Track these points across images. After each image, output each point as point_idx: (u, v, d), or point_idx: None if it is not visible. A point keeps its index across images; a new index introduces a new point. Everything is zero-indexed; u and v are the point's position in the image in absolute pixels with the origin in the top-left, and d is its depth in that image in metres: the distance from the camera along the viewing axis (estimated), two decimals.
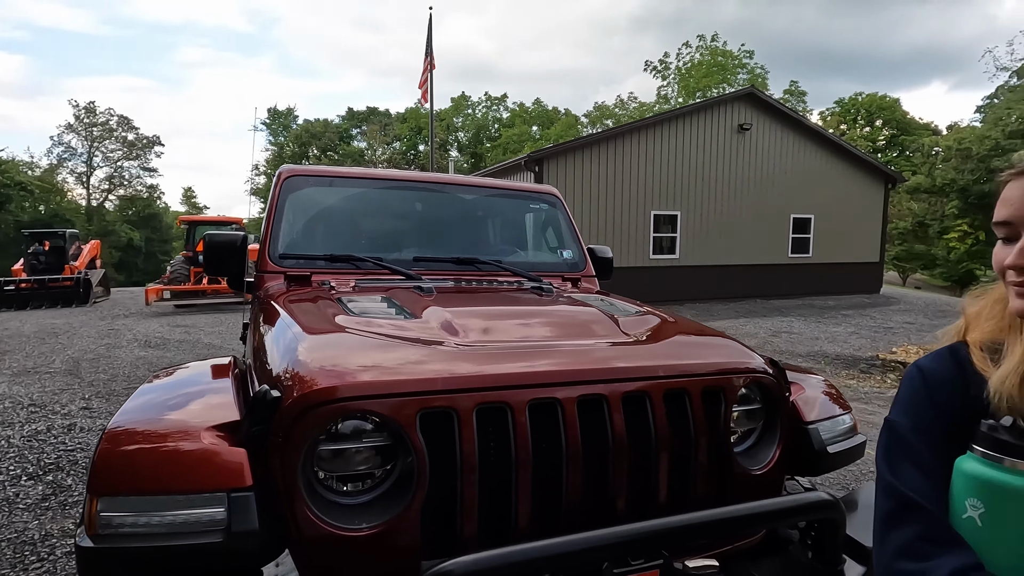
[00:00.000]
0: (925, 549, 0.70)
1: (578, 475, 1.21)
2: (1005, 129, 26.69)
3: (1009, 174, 0.73)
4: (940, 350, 0.82)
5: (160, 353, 8.03)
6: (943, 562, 0.68)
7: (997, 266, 0.73)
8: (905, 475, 0.76)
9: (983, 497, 0.69)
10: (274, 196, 2.47)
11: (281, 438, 1.06)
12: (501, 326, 1.51)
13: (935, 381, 0.79)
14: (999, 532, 0.68)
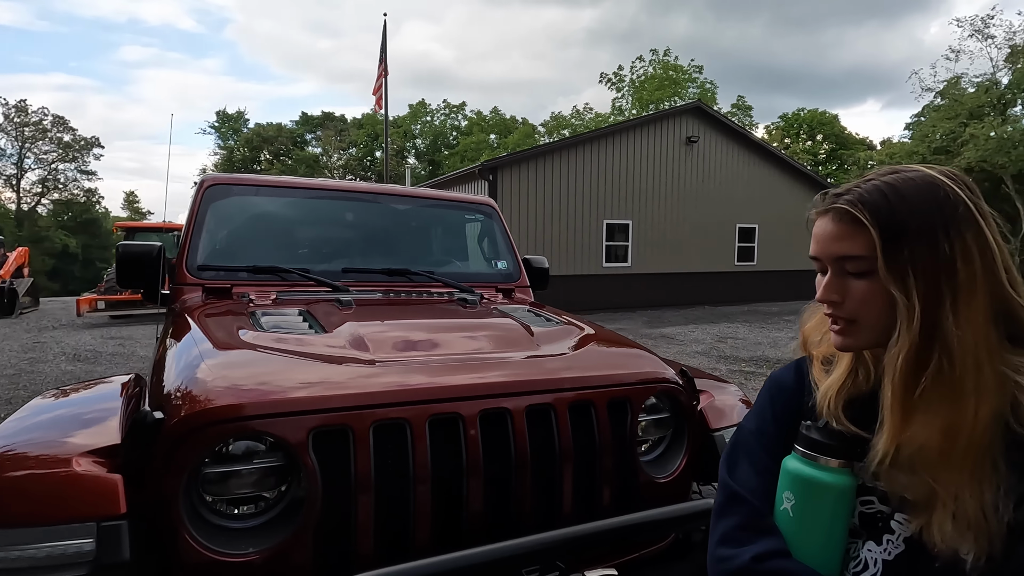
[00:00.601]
0: (741, 536, 0.76)
1: (480, 490, 1.21)
2: (931, 145, 28.57)
3: (815, 212, 0.76)
4: (790, 363, 0.87)
5: (90, 367, 7.60)
6: (751, 548, 0.73)
7: (818, 298, 0.76)
8: (738, 472, 0.81)
9: (795, 491, 0.74)
10: (195, 205, 2.39)
11: (162, 461, 1.02)
12: (413, 340, 1.50)
13: (777, 389, 0.86)
14: (808, 523, 0.74)
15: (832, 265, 0.72)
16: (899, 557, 0.71)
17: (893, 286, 0.67)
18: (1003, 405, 0.65)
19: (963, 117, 26.98)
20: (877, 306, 0.69)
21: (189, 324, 1.62)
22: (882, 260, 0.67)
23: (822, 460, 0.74)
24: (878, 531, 0.74)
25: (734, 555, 0.74)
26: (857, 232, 0.69)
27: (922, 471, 0.66)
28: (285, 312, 1.81)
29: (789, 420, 0.81)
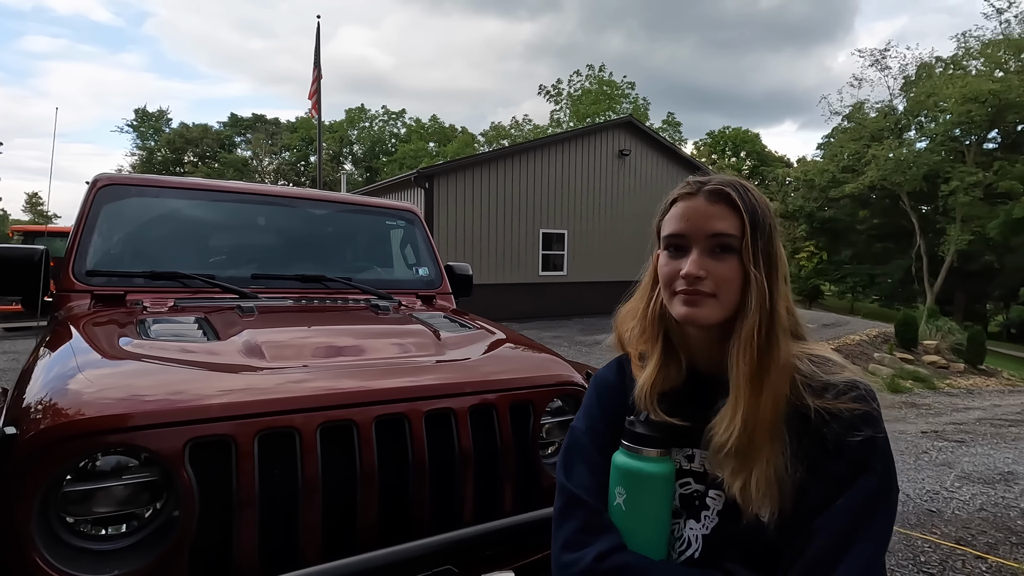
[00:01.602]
0: (581, 539, 0.78)
1: (374, 499, 1.19)
2: (839, 164, 31.02)
3: (681, 193, 0.82)
4: (612, 361, 0.92)
5: None
6: (592, 549, 0.76)
7: (669, 278, 0.80)
8: (575, 473, 0.84)
9: (625, 484, 0.79)
10: (86, 206, 2.22)
11: (13, 480, 0.93)
12: (313, 347, 1.46)
13: (602, 388, 0.90)
14: (639, 513, 0.78)
15: (704, 242, 0.78)
16: (715, 530, 0.78)
17: (752, 264, 0.75)
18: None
19: (866, 139, 29.49)
20: (735, 283, 0.76)
21: (68, 333, 1.50)
22: (748, 240, 0.75)
23: (645, 452, 0.79)
24: (696, 509, 0.80)
25: (577, 559, 0.77)
26: (730, 213, 0.77)
27: (746, 443, 0.72)
28: (179, 320, 1.71)
29: (616, 416, 0.86)
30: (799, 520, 0.70)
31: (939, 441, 6.64)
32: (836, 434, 0.71)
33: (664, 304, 0.83)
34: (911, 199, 28.96)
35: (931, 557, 3.42)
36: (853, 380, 0.74)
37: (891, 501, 0.71)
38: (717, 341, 0.80)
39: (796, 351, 0.76)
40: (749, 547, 0.74)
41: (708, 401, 0.80)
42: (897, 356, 12.73)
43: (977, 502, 4.47)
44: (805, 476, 0.71)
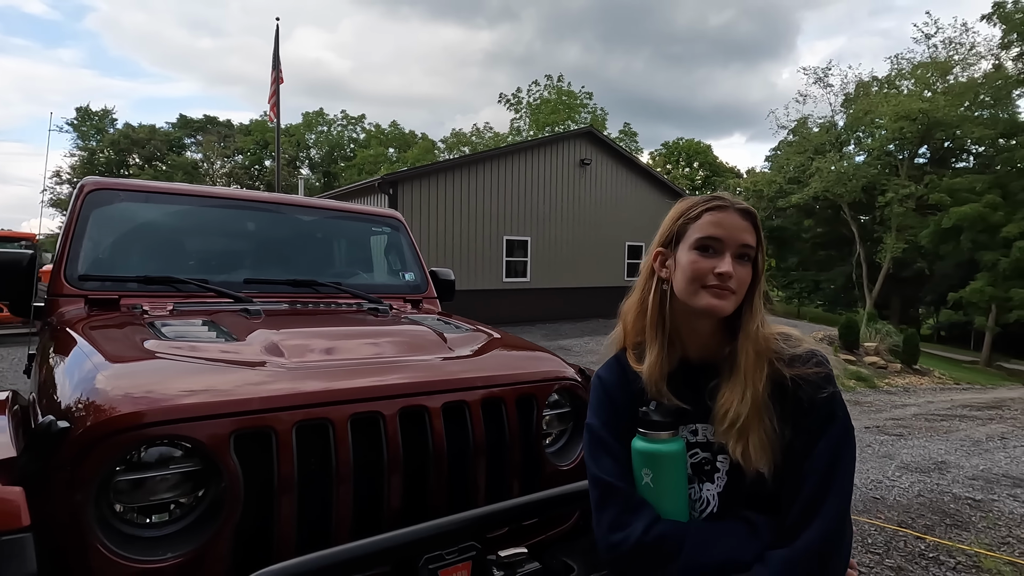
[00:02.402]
0: (624, 520, 0.93)
1: (400, 483, 1.28)
2: (786, 176, 32.59)
3: (713, 205, 0.97)
4: (610, 360, 1.07)
5: None
6: (636, 526, 0.91)
7: (700, 273, 0.94)
8: (603, 464, 0.98)
9: (649, 465, 0.93)
10: (75, 210, 2.21)
11: (68, 472, 0.99)
12: (328, 346, 1.54)
13: (609, 385, 1.04)
14: (664, 487, 0.93)
15: (736, 249, 0.94)
16: (727, 487, 0.94)
17: (758, 268, 0.96)
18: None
19: (810, 152, 31.08)
20: (747, 283, 0.95)
21: (79, 335, 1.53)
22: (760, 251, 0.96)
23: (662, 435, 0.94)
24: (707, 473, 0.96)
25: (626, 536, 0.91)
26: (752, 231, 0.96)
27: (744, 412, 0.88)
28: (187, 322, 1.75)
29: (624, 407, 1.00)
30: (790, 467, 0.88)
31: (880, 435, 7.13)
32: (808, 394, 0.90)
33: (669, 299, 0.98)
34: (851, 209, 30.71)
35: (877, 539, 3.72)
36: (812, 349, 0.95)
37: (853, 438, 0.92)
38: (712, 332, 0.97)
39: (768, 333, 0.94)
40: (755, 497, 0.91)
41: (700, 383, 0.96)
42: (841, 357, 13.48)
43: (915, 489, 4.86)
44: (790, 432, 0.89)
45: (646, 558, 0.90)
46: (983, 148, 28.01)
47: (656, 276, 1.01)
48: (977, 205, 23.34)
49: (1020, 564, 3.43)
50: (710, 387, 0.96)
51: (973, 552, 3.56)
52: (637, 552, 0.90)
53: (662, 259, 1.01)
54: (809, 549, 0.85)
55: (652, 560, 0.89)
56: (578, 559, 1.42)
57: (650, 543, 0.89)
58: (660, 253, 1.01)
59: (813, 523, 0.85)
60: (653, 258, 1.02)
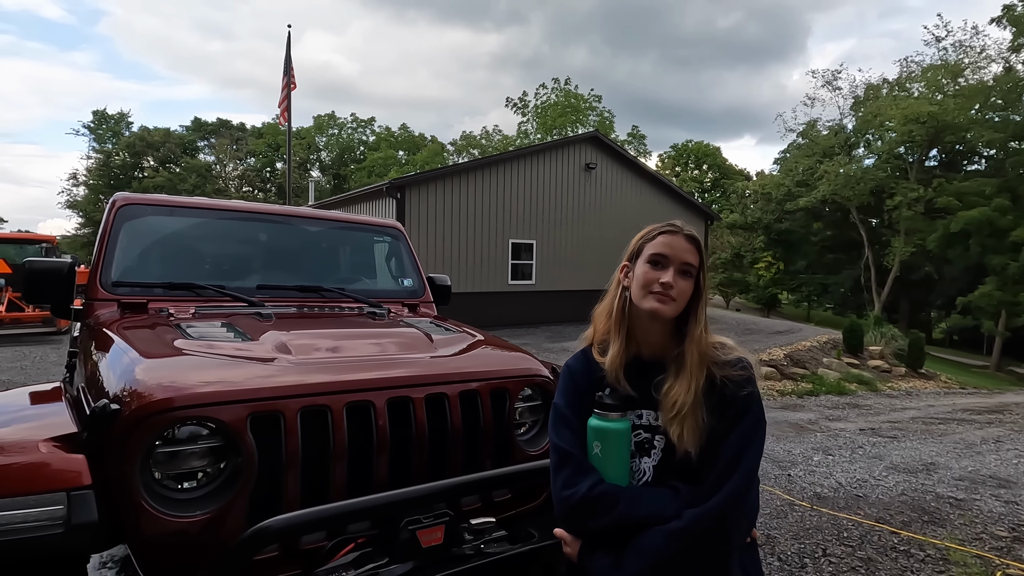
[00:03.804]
0: (575, 480, 1.16)
1: (387, 461, 1.52)
2: (794, 179, 32.58)
3: (665, 230, 1.23)
4: (578, 352, 1.32)
5: None
6: (584, 484, 1.15)
7: (648, 281, 1.18)
8: (563, 436, 1.22)
9: (600, 439, 1.16)
10: (107, 223, 2.48)
11: (119, 445, 1.24)
12: (330, 345, 1.79)
13: (575, 373, 1.28)
14: (609, 458, 1.17)
15: (678, 265, 1.18)
16: (660, 462, 1.19)
17: (700, 284, 1.20)
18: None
19: (819, 155, 31.06)
20: (687, 294, 1.19)
21: (117, 334, 1.79)
22: (702, 271, 1.21)
23: (612, 416, 1.17)
24: (646, 450, 1.19)
25: (574, 492, 1.15)
26: (695, 251, 1.21)
27: (688, 402, 1.11)
28: (208, 324, 2.01)
29: (586, 391, 1.24)
30: (710, 447, 1.12)
31: (874, 437, 7.27)
32: (731, 392, 1.14)
33: (628, 304, 1.21)
34: (859, 212, 30.64)
35: (853, 533, 3.90)
36: (740, 357, 1.19)
37: (763, 430, 1.15)
38: (662, 334, 1.20)
39: (709, 340, 1.19)
40: (682, 470, 1.15)
41: (648, 377, 1.20)
42: (844, 361, 13.57)
43: (899, 488, 5.03)
44: (715, 421, 1.12)
45: (589, 510, 1.13)
46: (993, 151, 27.83)
47: (621, 285, 1.26)
48: (986, 209, 23.24)
49: (987, 557, 3.60)
50: (656, 381, 1.19)
51: (944, 546, 3.74)
52: (582, 505, 1.13)
53: (626, 271, 1.26)
54: (714, 510, 1.07)
55: (593, 511, 1.13)
56: (540, 530, 1.65)
57: (593, 498, 1.12)
58: (625, 266, 1.27)
59: (721, 491, 1.08)
60: (620, 270, 1.28)
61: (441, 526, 1.43)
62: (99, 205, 44.05)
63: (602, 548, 1.12)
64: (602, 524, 1.13)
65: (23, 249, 13.69)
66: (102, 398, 1.39)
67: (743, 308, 36.86)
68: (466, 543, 1.48)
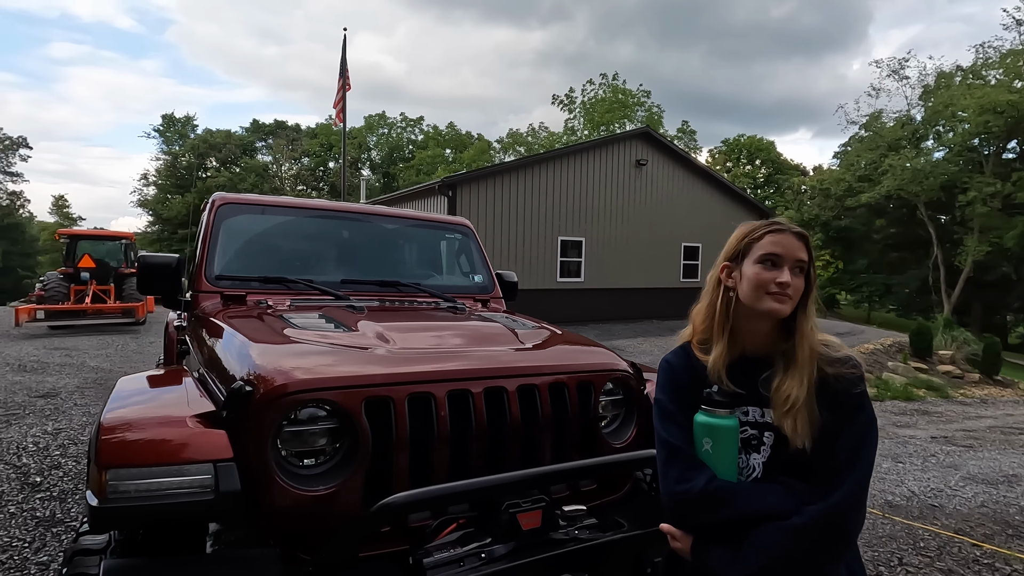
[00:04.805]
0: (688, 475, 1.19)
1: (483, 447, 1.60)
2: (856, 173, 31.09)
3: (772, 228, 1.22)
4: (677, 348, 1.34)
5: (39, 378, 7.41)
6: (699, 480, 1.17)
7: (764, 282, 1.18)
8: (671, 431, 1.24)
9: (710, 435, 1.19)
10: (208, 222, 2.68)
11: (253, 423, 1.36)
12: (424, 336, 1.88)
13: (677, 369, 1.30)
14: (720, 455, 1.18)
15: (792, 263, 1.20)
16: (770, 458, 1.20)
17: (810, 280, 1.21)
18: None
19: (883, 149, 29.51)
20: (800, 291, 1.20)
21: (233, 323, 1.94)
22: (812, 265, 1.22)
23: (721, 412, 1.19)
24: (754, 446, 1.21)
25: (690, 487, 1.17)
26: (805, 247, 1.21)
27: (802, 395, 1.13)
28: (306, 315, 2.14)
29: (688, 387, 1.26)
30: (824, 445, 1.13)
31: (948, 446, 6.91)
32: (844, 389, 1.15)
33: (730, 303, 1.23)
34: (928, 209, 28.95)
35: (930, 544, 3.75)
36: (849, 355, 1.19)
37: (875, 428, 1.16)
38: (768, 331, 1.21)
39: (817, 336, 1.19)
40: (792, 466, 1.16)
41: (753, 374, 1.22)
42: (911, 365, 12.90)
43: (979, 500, 4.77)
44: (827, 417, 1.13)
45: (705, 505, 1.16)
46: None
47: (723, 285, 1.26)
48: None
49: None
50: (763, 377, 1.20)
51: None
52: (699, 500, 1.16)
53: (728, 271, 1.26)
54: (837, 505, 1.08)
55: (710, 507, 1.15)
56: (628, 518, 1.69)
57: (710, 493, 1.15)
58: (726, 266, 1.26)
59: (842, 487, 1.09)
60: (720, 270, 1.27)
61: (539, 511, 1.49)
62: (166, 204, 46.73)
63: (717, 543, 1.15)
64: (718, 520, 1.15)
65: (105, 245, 14.71)
66: (232, 380, 1.52)
67: None
68: (560, 528, 1.54)
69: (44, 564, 2.88)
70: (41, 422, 5.37)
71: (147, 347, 10.39)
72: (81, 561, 1.37)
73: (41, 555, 2.97)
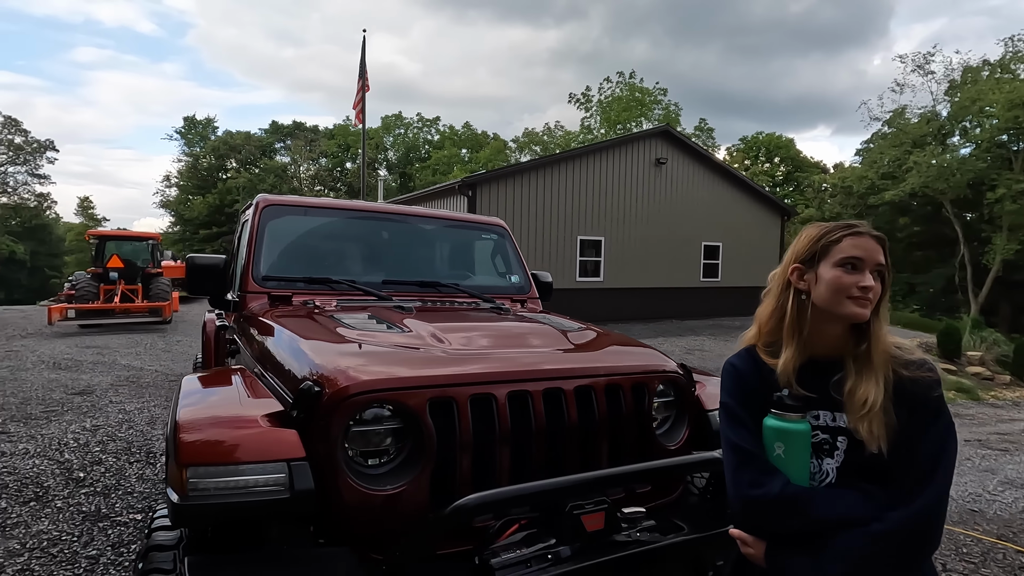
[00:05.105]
0: (762, 480, 1.17)
1: (542, 449, 1.60)
2: (879, 171, 30.49)
3: (851, 232, 1.20)
4: (741, 351, 1.31)
5: (74, 375, 7.59)
6: (774, 484, 1.15)
7: (845, 286, 1.16)
8: (741, 435, 1.22)
9: (782, 440, 1.17)
10: (254, 223, 2.71)
11: (324, 422, 1.38)
12: (476, 337, 1.89)
13: (744, 372, 1.28)
14: (791, 459, 1.16)
15: (873, 267, 1.18)
16: (844, 463, 1.18)
17: (885, 282, 1.19)
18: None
19: (907, 145, 28.88)
20: (879, 294, 1.18)
21: (285, 324, 1.97)
22: (888, 269, 1.20)
23: (794, 416, 1.17)
24: (827, 451, 1.19)
25: (766, 492, 1.15)
26: (883, 251, 1.19)
27: (880, 398, 1.11)
28: (355, 316, 2.16)
29: (757, 391, 1.24)
30: (903, 449, 1.11)
31: (982, 449, 6.75)
32: (921, 392, 1.13)
33: (803, 307, 1.21)
34: (954, 207, 28.30)
35: (973, 550, 3.67)
36: (923, 359, 1.17)
37: (955, 433, 1.14)
38: (840, 335, 1.20)
39: (889, 339, 1.18)
40: (867, 471, 1.14)
41: (823, 377, 1.20)
42: (939, 367, 12.63)
43: (1020, 505, 4.66)
44: (905, 420, 1.11)
45: (781, 511, 1.14)
46: None
47: (793, 288, 1.24)
48: None
49: None
50: (834, 380, 1.18)
51: None
52: (774, 505, 1.14)
53: (799, 273, 1.24)
54: (921, 512, 1.07)
55: (786, 512, 1.14)
56: (685, 521, 1.68)
57: (787, 498, 1.13)
58: (797, 268, 1.24)
59: (925, 493, 1.07)
60: (790, 272, 1.25)
61: (601, 512, 1.49)
62: (188, 204, 47.51)
63: (795, 550, 1.13)
64: (794, 526, 1.13)
65: (132, 246, 15.01)
66: (297, 381, 1.54)
67: None
68: (623, 530, 1.53)
69: (93, 558, 2.95)
70: (79, 419, 5.50)
71: (174, 346, 10.58)
72: (156, 556, 1.40)
73: (90, 549, 3.04)
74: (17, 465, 4.21)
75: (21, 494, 3.70)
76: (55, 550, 3.01)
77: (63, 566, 2.87)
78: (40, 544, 3.06)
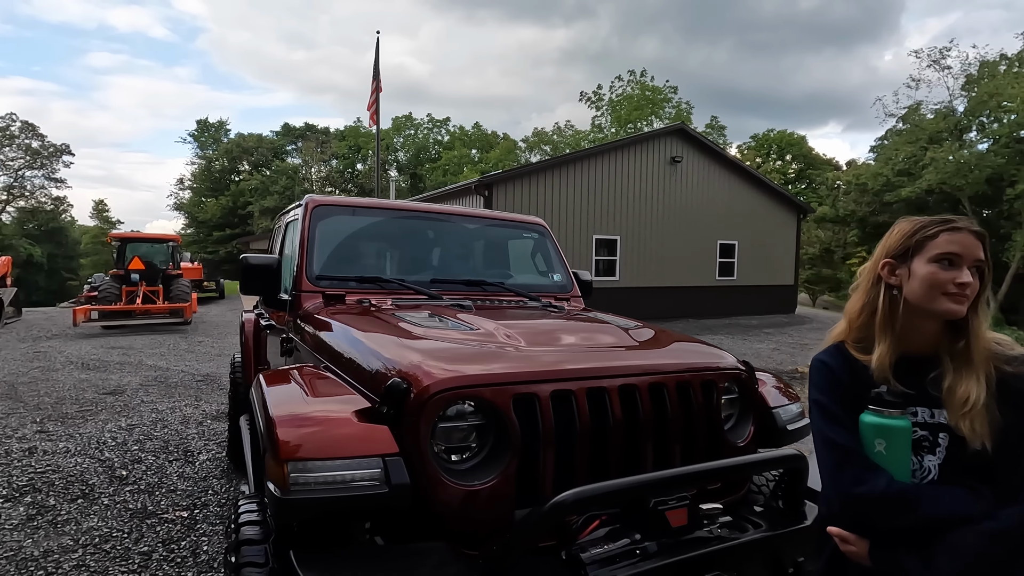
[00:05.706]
0: (865, 476, 1.15)
1: (620, 442, 1.61)
2: (894, 168, 30.13)
3: (948, 227, 1.18)
4: (830, 347, 1.30)
5: (103, 376, 7.70)
6: (878, 481, 1.14)
7: (941, 282, 1.15)
8: (839, 432, 1.20)
9: (883, 436, 1.15)
10: (304, 224, 2.74)
11: (414, 418, 1.39)
12: (544, 335, 1.90)
13: (835, 369, 1.26)
14: (893, 456, 1.15)
15: (972, 263, 1.16)
16: (946, 459, 1.17)
17: (984, 278, 1.17)
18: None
19: (923, 142, 28.55)
20: (976, 290, 1.16)
21: (350, 322, 1.99)
22: (988, 265, 1.18)
23: (894, 413, 1.16)
24: (926, 448, 1.18)
25: (871, 488, 1.13)
26: (982, 247, 1.18)
27: (982, 394, 1.10)
28: (417, 314, 2.18)
29: (850, 388, 1.22)
30: (1009, 445, 1.10)
31: None
32: None
33: (895, 302, 1.20)
34: (972, 203, 27.94)
35: None
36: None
37: None
38: (935, 331, 1.19)
39: (988, 335, 1.16)
40: (971, 468, 1.13)
41: (919, 373, 1.18)
42: None
43: None
44: (1012, 417, 1.10)
45: (888, 508, 1.12)
46: None
47: (884, 283, 1.23)
48: None
49: None
50: (932, 376, 1.17)
51: None
52: (880, 502, 1.13)
53: (890, 268, 1.22)
54: None
55: (892, 509, 1.12)
56: (758, 518, 1.68)
57: (893, 495, 1.12)
58: (889, 263, 1.22)
59: None
60: (880, 267, 1.24)
61: (684, 508, 1.49)
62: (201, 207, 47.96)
63: (902, 548, 1.12)
64: (902, 523, 1.12)
65: (153, 248, 15.20)
66: (379, 378, 1.56)
67: (831, 307, 34.60)
68: (704, 527, 1.53)
69: (146, 554, 2.99)
70: (114, 418, 5.58)
71: (197, 346, 10.69)
72: (248, 550, 1.42)
73: (141, 545, 3.08)
74: (60, 463, 4.27)
75: (68, 491, 3.76)
76: (107, 546, 3.06)
77: (117, 562, 2.91)
78: (92, 540, 3.12)
